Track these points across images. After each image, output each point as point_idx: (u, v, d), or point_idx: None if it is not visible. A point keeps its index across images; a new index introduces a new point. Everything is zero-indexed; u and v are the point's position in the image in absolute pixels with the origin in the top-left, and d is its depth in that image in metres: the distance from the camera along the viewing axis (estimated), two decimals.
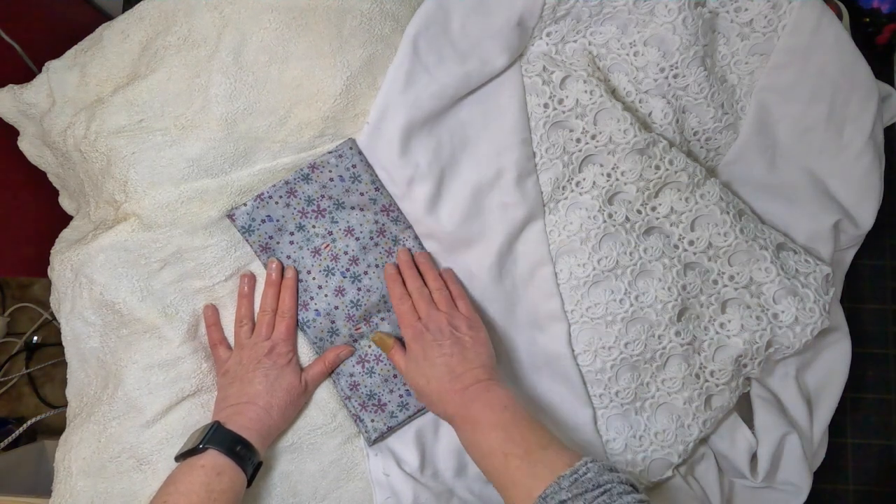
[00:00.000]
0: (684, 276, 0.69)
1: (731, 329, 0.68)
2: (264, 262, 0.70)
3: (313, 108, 0.67)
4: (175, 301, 0.68)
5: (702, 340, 0.69)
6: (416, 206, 0.70)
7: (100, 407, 0.67)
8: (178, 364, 0.68)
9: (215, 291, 0.69)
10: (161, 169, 0.66)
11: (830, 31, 0.70)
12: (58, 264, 0.68)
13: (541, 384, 0.71)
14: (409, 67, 0.68)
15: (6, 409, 0.99)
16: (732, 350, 0.67)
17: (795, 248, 0.70)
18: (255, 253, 0.70)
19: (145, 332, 0.67)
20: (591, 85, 0.69)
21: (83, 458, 0.66)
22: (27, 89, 0.70)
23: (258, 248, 0.69)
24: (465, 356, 0.64)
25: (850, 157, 0.71)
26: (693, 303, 0.69)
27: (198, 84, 0.66)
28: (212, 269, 0.69)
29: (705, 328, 0.68)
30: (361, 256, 0.69)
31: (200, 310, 0.69)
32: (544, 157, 0.71)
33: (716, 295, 0.69)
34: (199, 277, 0.68)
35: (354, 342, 0.71)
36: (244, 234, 0.69)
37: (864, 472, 0.77)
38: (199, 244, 0.68)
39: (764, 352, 0.67)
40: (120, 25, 0.68)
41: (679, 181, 0.70)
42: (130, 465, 0.66)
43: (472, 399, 0.61)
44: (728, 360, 0.67)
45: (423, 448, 0.70)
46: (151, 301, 0.66)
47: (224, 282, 0.69)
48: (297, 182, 0.69)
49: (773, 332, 0.67)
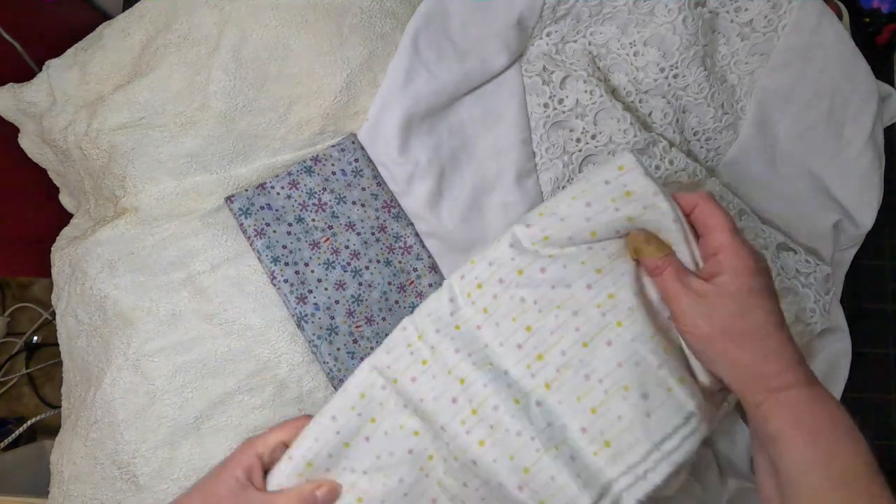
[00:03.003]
0: None
1: None
2: (258, 249, 0.66)
3: (313, 106, 0.68)
4: (157, 296, 0.65)
5: None
6: (416, 204, 0.70)
7: (84, 410, 0.66)
8: (148, 363, 0.64)
9: (200, 281, 0.66)
10: (159, 164, 0.66)
11: (830, 31, 0.70)
12: (58, 260, 0.69)
13: None
14: (408, 65, 0.68)
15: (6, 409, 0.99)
16: None
17: (795, 248, 0.70)
18: (248, 239, 0.67)
19: (123, 328, 0.64)
20: (591, 85, 0.69)
21: (73, 462, 0.65)
22: (27, 88, 0.70)
23: (253, 232, 0.67)
24: (785, 334, 0.42)
25: (850, 157, 0.71)
26: None
27: (198, 81, 0.66)
28: (198, 256, 0.66)
29: None
30: (363, 251, 0.69)
31: (180, 305, 0.65)
32: (544, 156, 0.71)
33: None
34: (184, 268, 0.66)
35: (355, 343, 0.70)
36: (240, 216, 0.67)
37: None
38: (189, 233, 0.66)
39: None
40: (120, 24, 0.69)
41: (679, 181, 0.70)
42: (114, 473, 0.63)
43: (812, 398, 0.41)
44: None
45: None
46: (134, 295, 0.64)
47: (209, 272, 0.66)
48: (300, 174, 0.69)
49: None
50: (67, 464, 0.65)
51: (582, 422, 0.44)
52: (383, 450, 0.48)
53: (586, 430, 0.44)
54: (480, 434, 0.45)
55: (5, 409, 0.99)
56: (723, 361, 0.43)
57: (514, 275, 0.49)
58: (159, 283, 0.65)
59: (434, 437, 0.48)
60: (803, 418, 0.40)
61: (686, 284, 0.43)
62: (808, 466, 0.40)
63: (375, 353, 0.51)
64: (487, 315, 0.49)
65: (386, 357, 0.50)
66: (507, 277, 0.49)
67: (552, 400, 0.45)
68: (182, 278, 0.66)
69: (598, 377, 0.45)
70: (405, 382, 0.49)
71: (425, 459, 0.48)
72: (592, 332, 0.46)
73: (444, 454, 0.47)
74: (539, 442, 0.44)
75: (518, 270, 0.49)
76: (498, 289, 0.49)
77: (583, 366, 0.45)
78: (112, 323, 0.65)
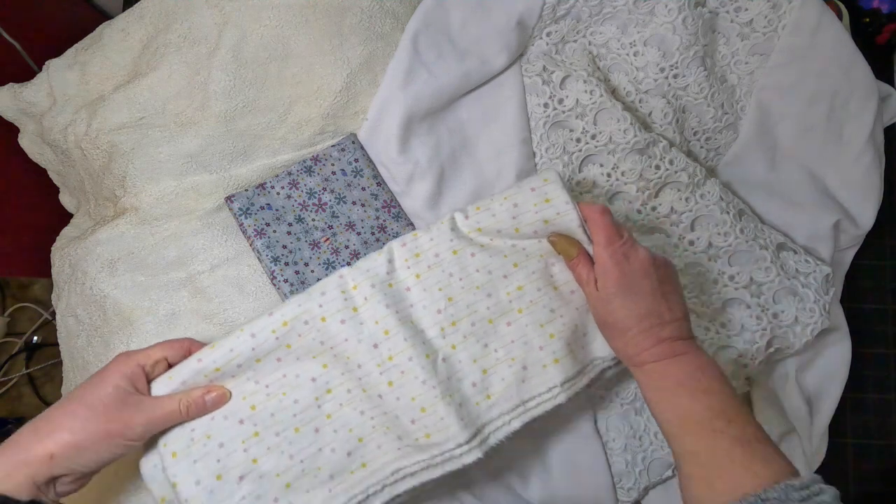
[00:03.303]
0: (683, 275, 0.69)
1: (731, 329, 0.68)
2: (258, 249, 0.66)
3: (313, 106, 0.68)
4: (157, 295, 0.65)
5: (702, 340, 0.68)
6: (416, 204, 0.70)
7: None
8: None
9: (199, 281, 0.66)
10: (159, 164, 0.66)
11: (830, 31, 0.70)
12: (58, 260, 0.69)
13: None
14: (408, 64, 0.68)
15: (6, 409, 0.99)
16: (732, 350, 0.67)
17: (795, 248, 0.70)
18: (248, 238, 0.67)
19: (122, 328, 0.65)
20: (591, 85, 0.69)
21: None
22: (27, 88, 0.70)
23: (253, 232, 0.67)
24: (670, 301, 0.54)
25: (850, 157, 0.71)
26: (694, 302, 0.69)
27: (197, 81, 0.66)
28: (197, 256, 0.66)
29: (706, 328, 0.68)
30: (363, 251, 0.69)
31: (179, 305, 0.65)
32: (544, 156, 0.71)
33: (716, 294, 0.69)
34: (183, 267, 0.66)
35: None
36: (240, 216, 0.67)
37: (864, 472, 0.77)
38: (189, 233, 0.67)
39: (764, 351, 0.67)
40: (120, 24, 0.69)
41: (679, 181, 0.70)
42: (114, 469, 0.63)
43: (680, 351, 0.53)
44: (728, 360, 0.67)
45: None
46: (133, 294, 0.65)
47: (210, 272, 0.66)
48: (300, 174, 0.69)
49: (774, 331, 0.67)
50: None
51: (474, 378, 0.57)
52: (290, 371, 0.56)
53: (475, 384, 0.57)
54: (392, 376, 0.56)
55: (5, 409, 0.99)
56: (608, 342, 0.57)
57: (448, 253, 0.59)
58: (159, 283, 0.65)
59: (342, 373, 0.56)
60: (656, 384, 0.53)
61: (588, 279, 0.56)
62: (663, 419, 0.53)
63: (308, 292, 0.58)
64: (419, 280, 0.59)
65: (320, 298, 0.58)
66: (442, 254, 0.59)
67: (455, 359, 0.57)
68: (182, 278, 0.66)
69: (493, 347, 0.58)
70: (333, 322, 0.57)
71: (323, 392, 0.56)
72: (498, 313, 0.58)
73: (350, 386, 0.56)
74: (438, 390, 0.55)
75: (453, 251, 0.59)
76: (433, 261, 0.59)
77: (485, 336, 0.58)
78: (112, 322, 0.65)
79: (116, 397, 0.51)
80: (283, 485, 0.53)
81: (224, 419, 0.54)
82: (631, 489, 0.66)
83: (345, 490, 0.53)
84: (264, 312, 0.57)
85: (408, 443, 0.54)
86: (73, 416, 0.49)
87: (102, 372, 0.52)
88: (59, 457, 0.48)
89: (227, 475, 0.53)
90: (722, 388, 0.52)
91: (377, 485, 0.53)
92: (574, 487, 0.66)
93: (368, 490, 0.53)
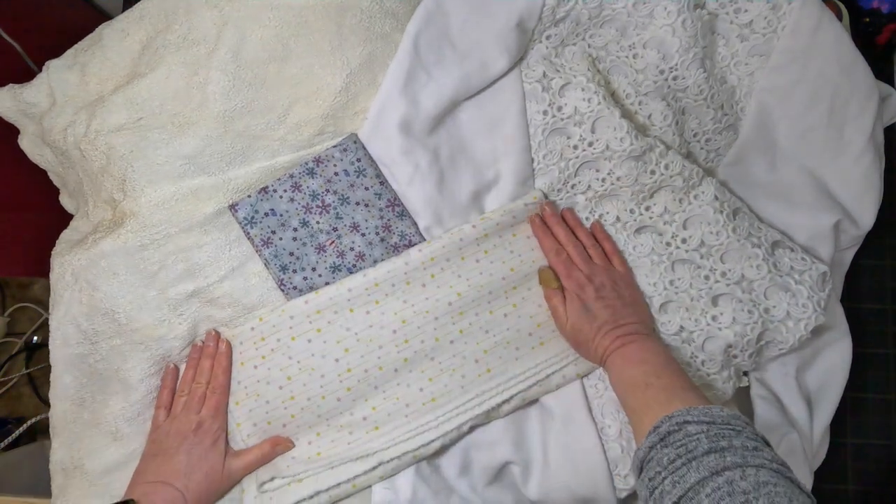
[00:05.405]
0: (673, 272, 0.70)
1: (722, 321, 0.68)
2: (266, 258, 0.67)
3: (313, 106, 0.67)
4: (171, 310, 0.67)
5: (691, 331, 0.69)
6: (417, 206, 0.70)
7: (103, 411, 0.67)
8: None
9: (210, 293, 0.67)
10: (158, 167, 0.66)
11: (830, 31, 0.70)
12: (57, 266, 0.68)
13: None
14: (409, 66, 0.68)
15: (6, 409, 0.99)
16: (722, 340, 0.67)
17: (793, 245, 0.70)
18: (255, 248, 0.68)
19: (139, 342, 0.66)
20: (589, 93, 0.70)
21: (99, 457, 0.67)
22: (27, 88, 0.70)
23: (260, 242, 0.68)
24: (626, 310, 0.65)
25: (850, 157, 0.71)
26: (682, 297, 0.69)
27: (196, 82, 0.66)
28: (206, 268, 0.67)
29: (696, 320, 0.68)
30: (368, 252, 0.69)
31: (195, 319, 0.67)
32: (542, 162, 0.72)
33: (707, 290, 0.69)
34: (192, 279, 0.67)
35: None
36: (246, 226, 0.68)
37: (864, 472, 0.77)
38: (193, 242, 0.67)
39: (755, 344, 0.67)
40: (120, 24, 0.69)
41: (674, 185, 0.70)
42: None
43: (630, 341, 0.63)
44: (717, 349, 0.67)
45: None
46: (148, 311, 0.66)
47: (219, 283, 0.67)
48: (302, 176, 0.69)
49: (765, 325, 0.67)
50: (89, 458, 0.67)
51: (480, 369, 0.69)
52: (263, 378, 0.67)
53: (478, 360, 0.69)
54: (407, 354, 0.68)
55: (5, 409, 0.99)
56: (583, 356, 0.68)
57: (458, 259, 0.70)
58: (170, 297, 0.67)
59: (314, 380, 0.66)
60: (618, 374, 0.62)
61: (558, 308, 0.68)
62: (619, 396, 0.63)
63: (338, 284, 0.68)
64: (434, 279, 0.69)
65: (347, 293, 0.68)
66: (452, 257, 0.69)
67: (448, 352, 0.68)
68: (191, 290, 0.67)
69: (474, 357, 0.69)
70: (359, 316, 0.68)
71: (288, 398, 0.66)
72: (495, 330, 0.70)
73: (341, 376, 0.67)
74: (448, 375, 0.68)
75: (462, 257, 0.70)
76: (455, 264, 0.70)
77: (484, 337, 0.69)
78: (126, 336, 0.66)
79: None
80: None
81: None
82: (627, 475, 0.66)
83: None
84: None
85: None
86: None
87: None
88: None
89: None
90: (658, 360, 0.61)
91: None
92: (571, 475, 0.66)
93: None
